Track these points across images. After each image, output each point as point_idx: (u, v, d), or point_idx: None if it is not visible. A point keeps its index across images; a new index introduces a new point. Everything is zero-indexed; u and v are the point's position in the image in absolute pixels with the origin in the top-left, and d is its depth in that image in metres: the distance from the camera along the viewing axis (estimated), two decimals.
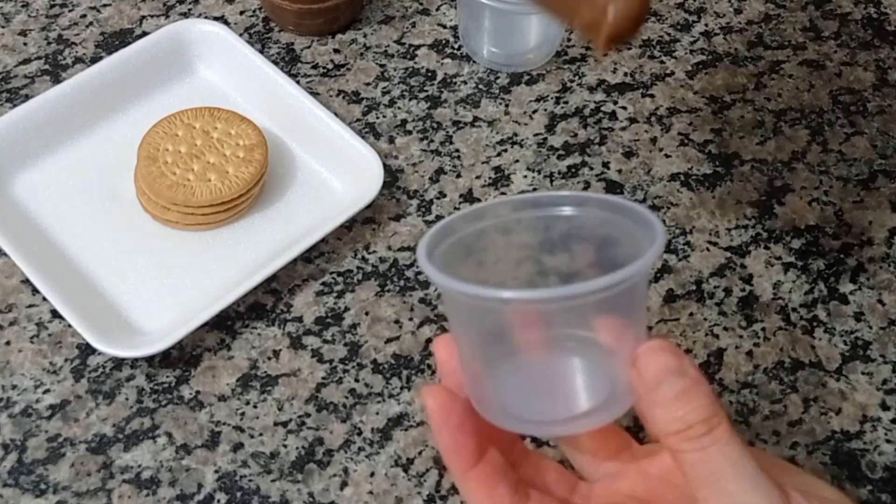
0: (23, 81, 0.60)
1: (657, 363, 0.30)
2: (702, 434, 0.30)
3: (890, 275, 0.54)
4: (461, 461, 0.33)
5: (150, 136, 0.54)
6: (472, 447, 0.33)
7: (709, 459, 0.30)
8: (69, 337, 0.50)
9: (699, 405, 0.30)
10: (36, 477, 0.46)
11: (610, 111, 0.61)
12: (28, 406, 0.48)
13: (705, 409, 0.30)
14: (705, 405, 0.30)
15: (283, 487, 0.46)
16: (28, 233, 0.52)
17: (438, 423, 0.33)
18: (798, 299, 0.53)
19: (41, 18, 0.63)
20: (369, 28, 0.64)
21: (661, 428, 0.31)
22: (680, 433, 0.30)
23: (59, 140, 0.56)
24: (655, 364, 0.30)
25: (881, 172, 0.59)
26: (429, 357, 0.50)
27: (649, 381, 0.30)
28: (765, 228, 0.56)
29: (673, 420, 0.30)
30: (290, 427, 0.48)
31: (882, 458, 0.48)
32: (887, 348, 0.52)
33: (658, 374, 0.30)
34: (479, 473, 0.33)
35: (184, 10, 0.64)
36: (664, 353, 0.31)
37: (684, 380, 0.30)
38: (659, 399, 0.30)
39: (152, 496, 0.46)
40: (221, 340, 0.51)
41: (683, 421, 0.30)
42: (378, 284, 0.53)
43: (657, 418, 0.31)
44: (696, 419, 0.30)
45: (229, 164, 0.53)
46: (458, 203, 0.56)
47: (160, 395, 0.49)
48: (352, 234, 0.55)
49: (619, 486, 0.35)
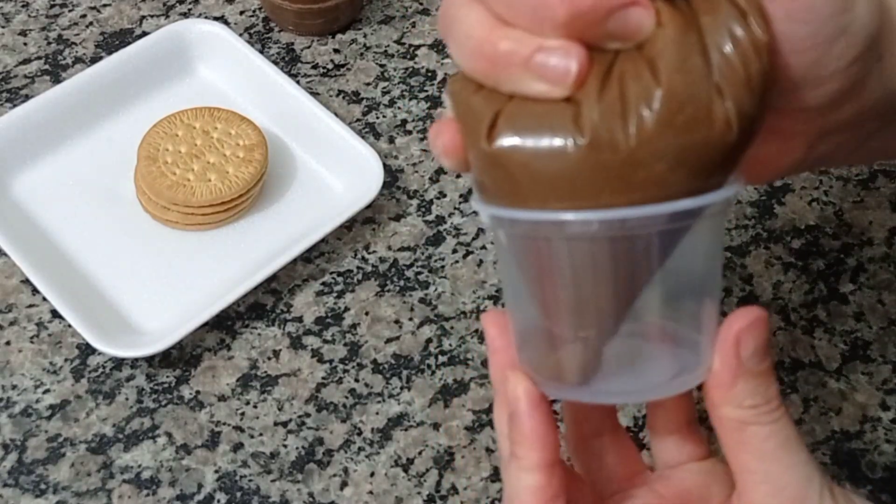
0: (23, 81, 0.60)
1: (758, 336, 0.30)
2: (776, 408, 0.30)
3: (890, 275, 0.54)
4: (545, 451, 0.31)
5: (150, 136, 0.54)
6: (555, 441, 0.31)
7: (780, 431, 0.30)
8: (69, 337, 0.50)
9: (774, 381, 0.30)
10: (36, 477, 0.46)
11: None
12: (28, 406, 0.48)
13: (777, 385, 0.30)
14: (776, 381, 0.30)
15: (283, 487, 0.46)
16: (28, 233, 0.52)
17: (529, 406, 0.31)
18: (798, 299, 0.53)
19: (41, 18, 0.63)
20: (369, 28, 0.64)
21: (737, 400, 0.30)
22: (757, 407, 0.30)
23: (59, 140, 0.56)
24: (757, 337, 0.30)
25: (881, 172, 0.59)
26: (429, 357, 0.50)
27: (745, 352, 0.29)
28: (765, 228, 0.56)
29: (753, 394, 0.30)
30: (290, 427, 0.48)
31: (882, 458, 0.48)
32: (887, 348, 0.52)
33: (755, 346, 0.30)
34: (552, 476, 0.31)
35: (184, 10, 0.64)
36: (765, 326, 0.30)
37: (770, 354, 0.30)
38: (745, 372, 0.30)
39: (152, 496, 0.46)
40: (221, 340, 0.51)
41: (765, 396, 0.30)
42: (378, 284, 0.53)
43: (738, 390, 0.30)
44: (774, 394, 0.30)
45: (229, 164, 0.53)
46: (458, 203, 0.56)
47: (160, 395, 0.49)
48: (352, 234, 0.55)
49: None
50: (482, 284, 0.53)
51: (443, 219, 0.56)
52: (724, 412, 0.30)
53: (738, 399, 0.30)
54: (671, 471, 0.35)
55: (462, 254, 0.54)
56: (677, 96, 0.25)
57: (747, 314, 0.29)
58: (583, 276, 0.28)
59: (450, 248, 0.54)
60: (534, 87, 0.26)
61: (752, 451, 0.30)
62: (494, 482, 0.47)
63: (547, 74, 0.26)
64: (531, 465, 0.31)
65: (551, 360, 0.31)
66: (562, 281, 0.28)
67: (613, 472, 0.35)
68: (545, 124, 0.26)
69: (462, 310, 0.52)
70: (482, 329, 0.51)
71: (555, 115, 0.26)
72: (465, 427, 0.48)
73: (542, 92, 0.26)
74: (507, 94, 0.27)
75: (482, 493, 0.46)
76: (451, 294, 0.53)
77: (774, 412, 0.30)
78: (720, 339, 0.29)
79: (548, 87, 0.26)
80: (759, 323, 0.29)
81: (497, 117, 0.27)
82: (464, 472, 0.47)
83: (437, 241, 0.55)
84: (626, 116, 0.25)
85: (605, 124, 0.25)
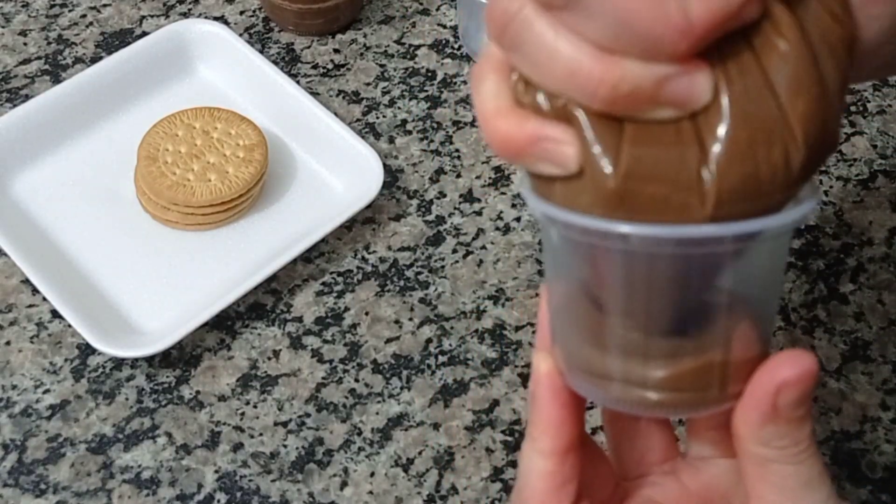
0: (23, 81, 0.60)
1: (804, 390, 0.28)
2: (803, 450, 0.29)
3: (890, 275, 0.54)
4: (559, 438, 0.31)
5: (150, 136, 0.54)
6: (573, 429, 0.31)
7: (803, 471, 0.29)
8: (69, 337, 0.50)
9: (809, 422, 0.29)
10: (36, 477, 0.46)
11: None
12: (28, 406, 0.48)
13: (811, 425, 0.29)
14: (811, 422, 0.29)
15: (283, 487, 0.46)
16: (28, 233, 0.52)
17: (548, 392, 0.30)
18: (798, 299, 0.53)
19: (41, 18, 0.63)
20: (369, 28, 0.64)
21: (765, 440, 0.29)
22: (786, 449, 0.29)
23: (59, 140, 0.56)
24: (802, 391, 0.28)
25: (881, 172, 0.59)
26: (429, 357, 0.50)
27: (784, 403, 0.28)
28: None
29: (783, 436, 0.28)
30: (290, 427, 0.48)
31: (882, 458, 0.48)
32: (887, 348, 0.52)
33: (798, 400, 0.28)
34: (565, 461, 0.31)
35: (184, 10, 0.64)
36: (813, 379, 0.28)
37: (809, 402, 0.28)
38: (781, 418, 0.28)
39: (152, 496, 0.46)
40: (221, 340, 0.51)
41: (795, 439, 0.28)
42: (378, 284, 0.53)
43: (766, 433, 0.28)
44: (803, 437, 0.28)
45: (229, 164, 0.53)
46: (458, 203, 0.56)
47: (160, 395, 0.49)
48: (352, 234, 0.55)
49: (654, 494, 0.34)
50: (482, 284, 0.53)
51: (443, 219, 0.56)
52: (747, 446, 0.29)
53: (766, 439, 0.28)
54: (701, 462, 0.34)
55: (462, 254, 0.54)
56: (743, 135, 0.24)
57: (798, 363, 0.27)
58: (637, 286, 0.27)
59: (450, 248, 0.54)
60: (659, 114, 0.25)
61: (771, 486, 0.29)
62: (494, 482, 0.47)
63: (677, 101, 0.25)
64: (544, 449, 0.31)
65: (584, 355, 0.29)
66: (615, 285, 0.27)
67: (643, 455, 0.34)
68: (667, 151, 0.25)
69: (462, 310, 0.52)
70: (483, 329, 0.51)
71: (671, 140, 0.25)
72: (465, 427, 0.48)
73: (666, 117, 0.25)
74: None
75: (482, 493, 0.46)
76: (451, 294, 0.53)
77: (802, 453, 0.28)
78: (759, 379, 0.28)
79: (674, 112, 0.25)
80: (807, 377, 0.27)
81: (621, 143, 0.25)
82: (464, 472, 0.47)
83: (437, 241, 0.55)
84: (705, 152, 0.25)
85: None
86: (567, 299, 0.29)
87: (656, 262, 0.26)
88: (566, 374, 0.30)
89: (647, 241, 0.25)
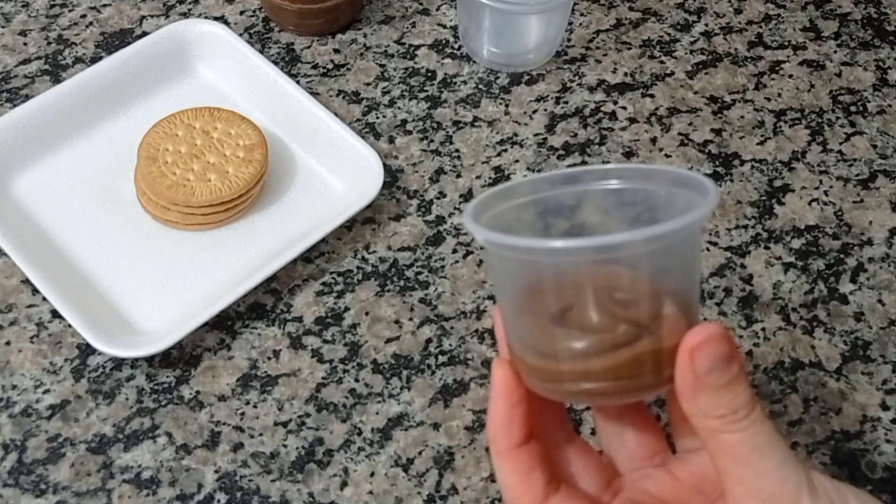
0: (23, 81, 0.60)
1: (713, 353, 0.30)
2: (744, 416, 0.31)
3: (890, 275, 0.54)
4: (508, 437, 0.34)
5: (150, 136, 0.54)
6: (520, 428, 0.34)
7: (749, 438, 0.31)
8: (69, 337, 0.50)
9: (742, 389, 0.31)
10: (36, 477, 0.46)
11: (610, 111, 0.61)
12: (28, 406, 0.48)
13: (747, 392, 0.31)
14: (747, 388, 0.31)
15: (283, 487, 0.46)
16: (28, 233, 0.52)
17: (499, 395, 0.34)
18: (798, 299, 0.53)
19: (41, 18, 0.63)
20: (369, 28, 0.64)
21: (703, 411, 0.31)
22: (724, 417, 0.31)
23: (59, 140, 0.56)
24: (711, 354, 0.30)
25: (881, 172, 0.59)
26: (429, 357, 0.50)
27: (701, 369, 0.30)
28: (765, 228, 0.56)
29: (718, 405, 0.31)
30: (290, 427, 0.48)
31: (882, 458, 0.48)
32: (887, 348, 0.52)
33: (712, 363, 0.30)
34: (519, 455, 0.34)
35: (184, 10, 0.64)
36: (720, 342, 0.30)
37: (733, 367, 0.31)
38: (707, 386, 0.31)
39: (152, 496, 0.46)
40: (221, 340, 0.51)
41: (729, 406, 0.31)
42: (378, 284, 0.53)
43: (700, 402, 0.31)
44: (740, 404, 0.31)
45: (229, 164, 0.53)
46: (458, 203, 0.56)
47: (160, 395, 0.49)
48: (352, 234, 0.55)
49: (647, 486, 0.36)
50: (482, 284, 0.53)
51: (443, 219, 0.56)
52: (694, 421, 0.31)
53: (704, 411, 0.31)
54: (689, 454, 0.36)
55: (462, 254, 0.54)
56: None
57: (701, 332, 0.30)
58: (568, 290, 0.32)
59: (450, 248, 0.54)
60: None
61: (725, 457, 0.31)
62: (494, 482, 0.47)
63: None
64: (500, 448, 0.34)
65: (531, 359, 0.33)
66: (550, 293, 0.32)
67: (633, 452, 0.37)
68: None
69: (462, 310, 0.52)
70: (483, 329, 0.51)
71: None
72: (465, 427, 0.48)
73: None
74: None
75: (482, 493, 0.46)
76: (451, 294, 0.53)
77: (743, 420, 0.31)
78: (678, 355, 0.31)
79: None
80: (712, 340, 0.30)
81: None
82: (464, 472, 0.47)
83: (437, 241, 0.55)
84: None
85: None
86: (512, 313, 0.33)
87: (582, 268, 0.31)
88: (524, 378, 0.33)
89: (573, 252, 0.30)
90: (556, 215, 0.35)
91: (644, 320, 0.31)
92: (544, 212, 0.35)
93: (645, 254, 0.30)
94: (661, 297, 0.31)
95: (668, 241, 0.29)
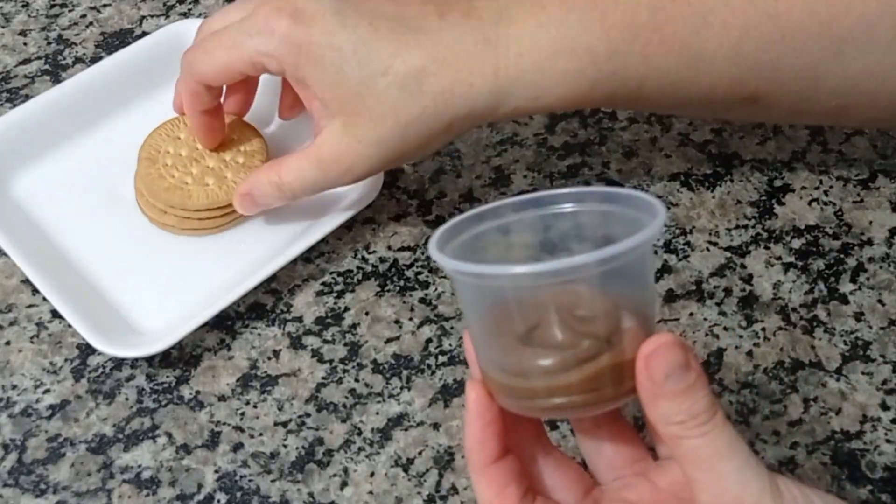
0: (23, 81, 0.60)
1: (667, 360, 0.31)
2: (704, 422, 0.32)
3: (890, 275, 0.54)
4: (482, 455, 0.35)
5: (152, 137, 0.54)
6: (495, 445, 0.35)
7: (710, 443, 0.32)
8: (69, 337, 0.50)
9: (702, 396, 0.32)
10: (36, 477, 0.46)
11: (610, 111, 0.61)
12: (28, 406, 0.48)
13: (707, 398, 0.32)
14: (707, 395, 0.32)
15: (283, 487, 0.46)
16: (28, 233, 0.52)
17: (473, 415, 0.35)
18: (798, 299, 0.53)
19: (41, 18, 0.63)
20: None
21: (664, 418, 0.32)
22: (684, 423, 0.32)
23: (59, 140, 0.56)
24: (665, 361, 0.31)
25: (881, 172, 0.59)
26: (429, 357, 0.50)
27: (657, 376, 0.31)
28: (765, 228, 0.56)
29: (678, 412, 0.32)
30: (290, 427, 0.48)
31: (882, 458, 0.48)
32: (887, 348, 0.52)
33: (667, 370, 0.31)
34: (494, 470, 0.35)
35: (184, 10, 0.64)
36: (673, 350, 0.31)
37: (690, 374, 0.31)
38: (665, 393, 0.31)
39: (152, 496, 0.46)
40: (221, 340, 0.51)
41: (688, 412, 0.31)
42: (378, 284, 0.53)
43: (661, 409, 0.32)
44: (700, 409, 0.32)
45: (228, 170, 0.53)
46: (458, 203, 0.56)
47: (160, 395, 0.49)
48: (352, 234, 0.55)
49: (627, 495, 0.36)
50: None
51: (443, 219, 0.56)
52: (659, 429, 0.32)
53: (665, 417, 0.32)
54: (668, 462, 0.36)
55: None
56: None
57: (655, 341, 0.32)
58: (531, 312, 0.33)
59: None
60: None
61: (689, 462, 0.32)
62: None
63: None
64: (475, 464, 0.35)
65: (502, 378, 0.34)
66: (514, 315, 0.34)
67: (611, 460, 0.37)
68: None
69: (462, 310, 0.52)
70: None
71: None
72: None
73: None
74: None
75: None
76: (451, 294, 0.53)
77: (703, 426, 0.32)
78: (637, 365, 0.32)
79: None
80: (665, 347, 0.31)
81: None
82: (464, 472, 0.47)
83: None
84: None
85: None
86: (482, 335, 0.35)
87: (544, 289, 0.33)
88: (496, 397, 0.35)
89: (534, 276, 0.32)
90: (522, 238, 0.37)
91: (605, 335, 0.33)
92: (509, 235, 0.37)
93: (601, 273, 0.31)
94: (620, 312, 0.33)
95: (622, 260, 0.31)
